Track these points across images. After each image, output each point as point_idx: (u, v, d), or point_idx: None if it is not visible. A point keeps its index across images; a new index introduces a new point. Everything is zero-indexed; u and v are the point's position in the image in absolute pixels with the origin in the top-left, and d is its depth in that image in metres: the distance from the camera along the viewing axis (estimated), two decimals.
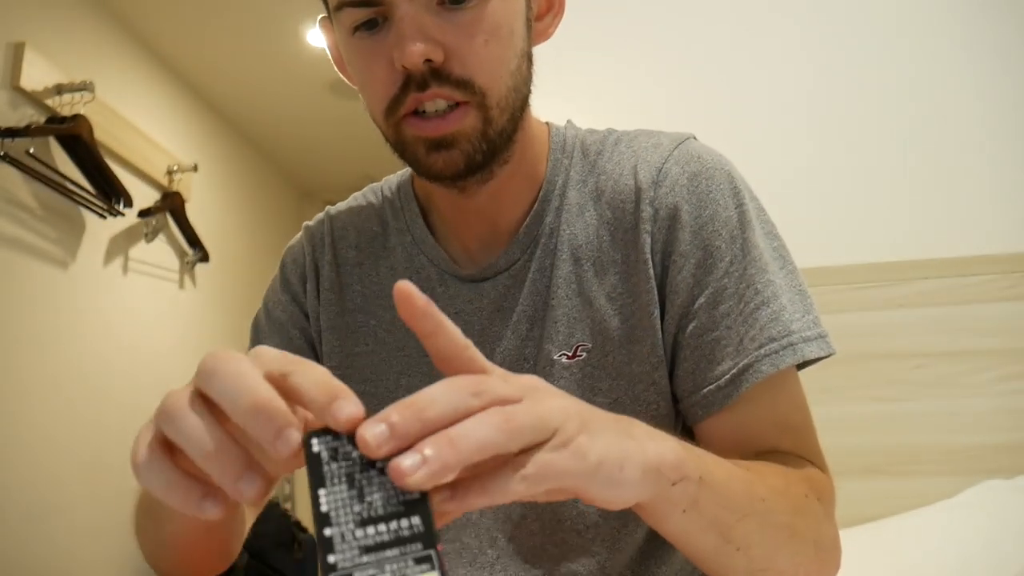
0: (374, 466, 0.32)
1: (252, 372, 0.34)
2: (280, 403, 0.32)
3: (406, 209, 0.78)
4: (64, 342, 2.14)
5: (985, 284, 1.38)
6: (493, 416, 0.33)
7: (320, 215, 0.83)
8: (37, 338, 2.03)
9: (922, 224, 1.46)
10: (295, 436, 0.32)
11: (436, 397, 0.34)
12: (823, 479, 0.63)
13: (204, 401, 0.35)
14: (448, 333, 0.37)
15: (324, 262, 0.78)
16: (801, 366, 0.66)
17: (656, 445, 0.41)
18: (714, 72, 1.59)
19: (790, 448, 0.64)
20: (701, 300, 0.65)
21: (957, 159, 1.47)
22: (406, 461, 0.31)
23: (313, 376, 0.34)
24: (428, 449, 0.31)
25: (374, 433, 0.31)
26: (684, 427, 0.70)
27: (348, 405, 0.33)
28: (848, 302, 1.42)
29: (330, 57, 0.73)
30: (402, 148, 0.65)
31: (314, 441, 0.32)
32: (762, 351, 0.62)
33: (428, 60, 0.59)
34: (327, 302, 0.77)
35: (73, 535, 2.10)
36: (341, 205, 0.83)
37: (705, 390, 0.64)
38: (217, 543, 0.56)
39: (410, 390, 0.75)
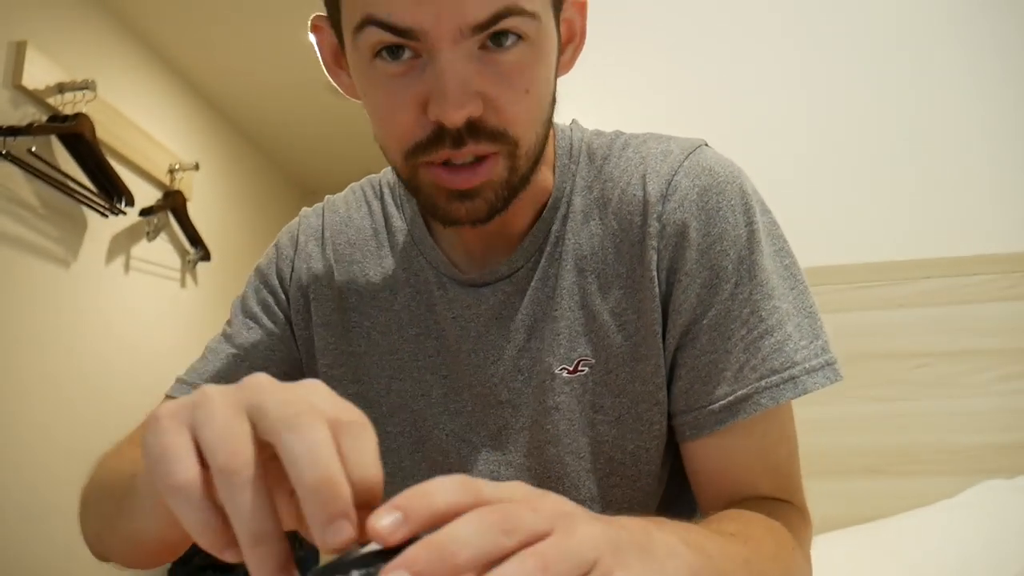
0: None
1: (327, 443, 0.32)
2: (344, 488, 0.31)
3: (406, 207, 0.75)
4: (65, 341, 2.15)
5: (985, 284, 1.38)
6: (528, 562, 0.30)
7: (319, 205, 0.81)
8: (38, 337, 2.04)
9: (922, 224, 1.46)
10: (347, 530, 0.30)
11: (467, 539, 0.30)
12: (803, 524, 0.63)
13: (259, 447, 0.33)
14: (443, 509, 0.32)
15: (319, 256, 0.76)
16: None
17: (675, 564, 0.38)
18: (714, 71, 1.59)
19: (772, 490, 0.64)
20: (704, 321, 0.63)
21: (957, 159, 1.47)
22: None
23: (360, 455, 0.33)
24: None
25: None
26: (675, 443, 0.69)
27: (386, 517, 0.30)
28: (848, 302, 1.42)
29: (320, 58, 0.67)
30: (416, 189, 0.61)
31: None
32: (763, 383, 0.61)
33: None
34: (322, 297, 0.75)
35: (73, 535, 2.10)
36: (339, 198, 0.80)
37: (697, 411, 0.63)
38: (178, 545, 0.53)
39: (401, 394, 0.72)
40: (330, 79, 0.67)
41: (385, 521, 0.30)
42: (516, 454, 0.68)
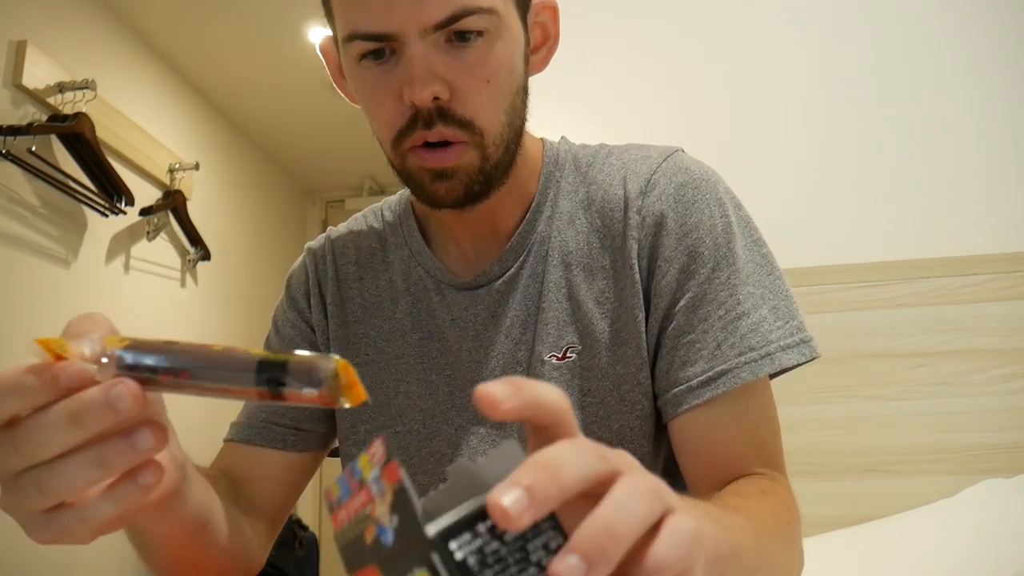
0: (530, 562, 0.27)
1: None
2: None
3: (404, 225, 0.81)
4: None
5: (985, 284, 1.38)
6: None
7: (321, 236, 0.87)
8: (38, 336, 2.03)
9: (922, 224, 1.46)
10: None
11: (568, 458, 0.29)
12: (792, 498, 0.64)
13: None
14: (546, 407, 0.32)
15: (327, 278, 0.82)
16: (785, 371, 0.68)
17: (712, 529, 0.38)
18: (714, 71, 1.59)
19: (758, 466, 0.65)
20: (682, 303, 0.67)
21: (957, 159, 1.47)
22: (565, 561, 0.26)
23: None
24: (583, 547, 0.27)
25: (513, 499, 0.26)
26: (663, 425, 0.71)
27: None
28: (848, 302, 1.42)
29: (327, 69, 0.75)
30: (407, 175, 0.68)
31: (453, 545, 0.26)
32: (741, 359, 0.64)
33: (435, 98, 0.62)
34: (332, 315, 0.81)
35: None
36: (341, 226, 0.86)
37: (677, 389, 0.66)
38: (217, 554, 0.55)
39: (409, 396, 0.77)
40: (337, 90, 0.75)
41: (510, 497, 0.26)
42: (516, 438, 0.71)
